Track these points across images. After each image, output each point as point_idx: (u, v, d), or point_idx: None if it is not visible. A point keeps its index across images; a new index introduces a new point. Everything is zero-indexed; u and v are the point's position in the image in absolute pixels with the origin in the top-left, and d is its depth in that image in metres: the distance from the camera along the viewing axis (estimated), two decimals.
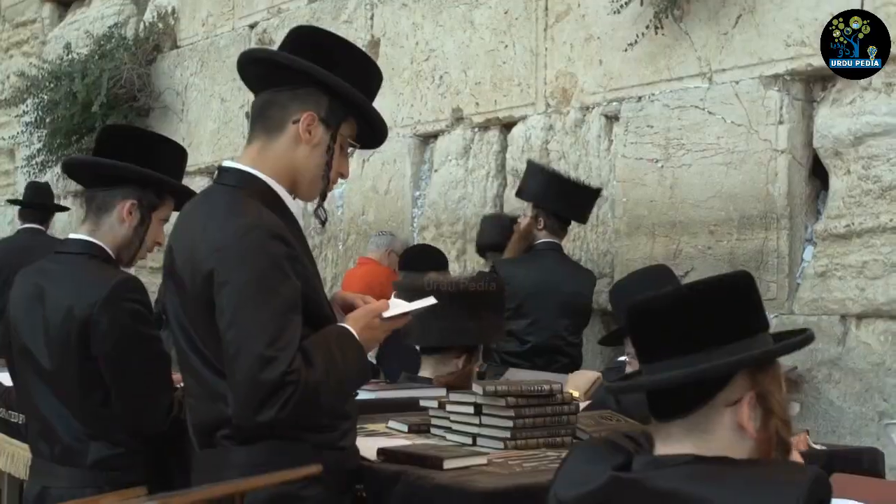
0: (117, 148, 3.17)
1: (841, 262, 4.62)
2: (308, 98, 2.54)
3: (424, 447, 2.69)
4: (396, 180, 6.82)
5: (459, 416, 2.87)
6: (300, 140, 2.54)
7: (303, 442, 2.41)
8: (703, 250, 5.07)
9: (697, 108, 5.09)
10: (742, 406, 1.79)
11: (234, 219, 2.42)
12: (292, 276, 2.40)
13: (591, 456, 1.89)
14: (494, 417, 2.77)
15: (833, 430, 4.53)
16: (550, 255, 5.15)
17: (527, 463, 2.55)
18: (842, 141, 4.62)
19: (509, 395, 2.75)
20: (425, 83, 6.62)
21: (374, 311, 2.56)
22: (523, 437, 2.75)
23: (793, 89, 4.79)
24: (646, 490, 1.74)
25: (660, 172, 5.25)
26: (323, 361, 2.37)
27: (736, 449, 1.79)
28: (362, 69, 2.64)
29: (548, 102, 5.90)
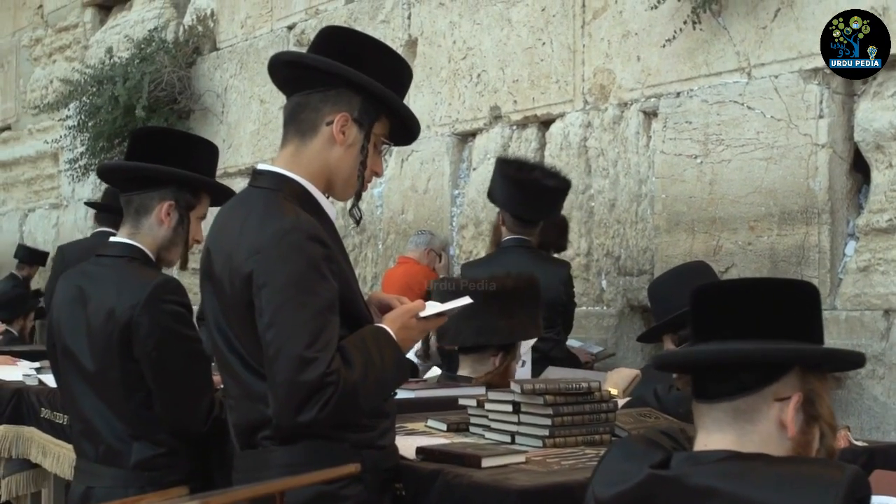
0: (149, 150, 3.20)
1: (884, 256, 4.57)
2: (340, 99, 2.56)
3: (463, 446, 2.70)
4: (435, 179, 6.83)
5: (498, 415, 2.87)
6: (334, 141, 2.56)
7: (342, 441, 2.43)
8: (743, 246, 5.04)
9: (736, 103, 5.06)
10: (790, 404, 1.79)
11: (271, 221, 2.44)
12: (330, 277, 2.42)
13: (629, 453, 1.89)
14: (533, 416, 2.77)
15: (877, 426, 4.49)
16: (513, 251, 5.07)
17: (565, 461, 2.55)
18: (883, 134, 4.57)
19: (548, 393, 2.76)
20: (463, 82, 6.62)
21: (411, 311, 2.58)
22: (562, 435, 2.75)
23: (833, 83, 4.74)
24: (684, 487, 1.74)
25: (699, 168, 5.23)
26: (361, 362, 2.38)
27: (775, 446, 1.79)
28: (392, 67, 2.65)
29: (586, 99, 5.88)
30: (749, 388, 1.80)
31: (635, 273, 5.56)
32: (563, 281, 5.03)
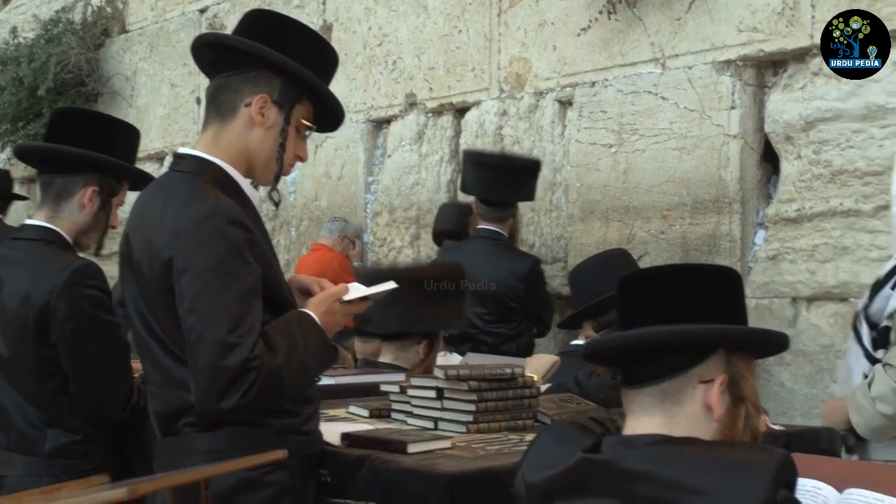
0: (72, 132, 3.14)
1: (792, 245, 4.67)
2: (259, 80, 2.53)
3: (388, 431, 2.70)
4: (350, 166, 6.80)
5: (421, 401, 2.87)
6: (253, 123, 2.53)
7: (266, 427, 2.41)
8: (656, 235, 5.11)
9: (651, 94, 5.13)
10: (714, 385, 1.82)
11: (191, 205, 2.40)
12: (252, 261, 2.39)
13: (560, 438, 1.90)
14: (457, 401, 2.78)
15: (784, 411, 4.60)
16: (479, 242, 5.11)
17: (490, 446, 2.56)
18: (793, 126, 4.67)
19: (472, 378, 2.76)
20: (378, 68, 6.60)
21: (335, 295, 2.56)
22: (485, 421, 2.76)
23: (745, 75, 4.84)
24: (615, 471, 1.75)
25: (613, 157, 5.29)
26: (285, 347, 2.36)
27: (701, 427, 1.81)
28: (316, 51, 2.63)
29: (501, 87, 5.91)
30: (674, 371, 1.82)
31: (549, 261, 5.61)
32: (521, 277, 5.02)
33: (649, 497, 1.70)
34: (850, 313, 4.34)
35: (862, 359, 2.76)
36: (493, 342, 4.92)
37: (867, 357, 2.72)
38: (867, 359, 2.72)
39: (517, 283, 4.96)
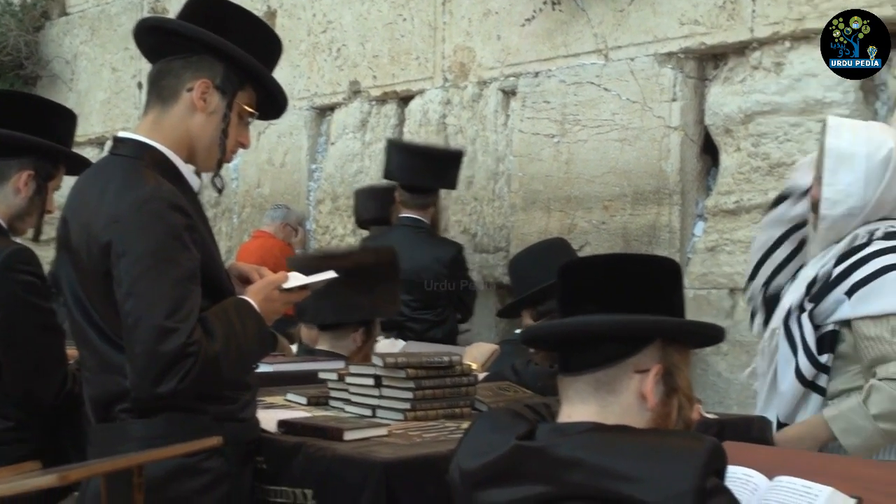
0: (8, 115, 3.09)
1: (730, 237, 4.73)
2: (202, 66, 2.51)
3: (325, 419, 2.70)
4: (292, 153, 6.77)
5: (359, 388, 2.87)
6: (195, 108, 2.51)
7: (203, 414, 2.40)
8: (597, 225, 5.14)
9: (593, 85, 5.15)
10: (649, 376, 1.83)
11: (131, 190, 2.38)
12: (191, 246, 2.38)
13: (494, 425, 1.91)
14: (394, 389, 2.78)
15: (721, 400, 4.65)
16: (402, 230, 5.12)
17: (427, 434, 2.56)
18: (732, 118, 4.73)
19: (409, 366, 2.77)
20: (322, 55, 6.57)
21: (274, 282, 2.56)
22: (423, 409, 2.77)
23: (686, 67, 4.88)
24: (549, 458, 1.76)
25: (555, 148, 5.31)
26: (223, 333, 2.35)
27: (635, 416, 1.83)
28: (259, 37, 2.62)
29: (445, 76, 5.91)
30: (611, 360, 1.84)
31: (491, 250, 5.63)
32: (445, 263, 5.04)
33: (581, 484, 1.71)
34: None
35: (802, 359, 2.75)
36: (420, 328, 4.94)
37: (810, 359, 2.73)
38: (810, 361, 2.73)
39: (441, 269, 4.98)
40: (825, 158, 2.86)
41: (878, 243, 2.71)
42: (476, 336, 5.44)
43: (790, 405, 2.78)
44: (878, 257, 2.68)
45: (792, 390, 2.77)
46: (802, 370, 2.74)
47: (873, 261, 2.68)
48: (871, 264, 2.68)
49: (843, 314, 2.71)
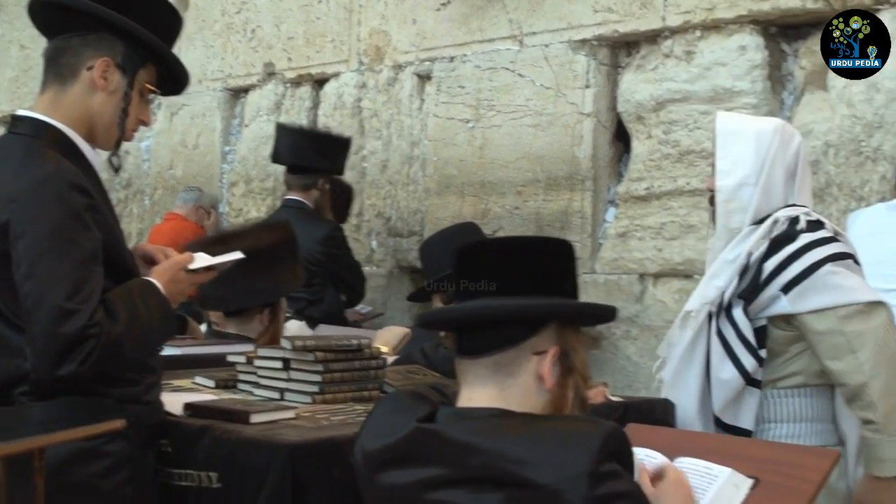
0: None
1: (640, 223, 4.78)
2: (102, 43, 2.47)
3: (231, 402, 2.67)
4: (206, 135, 6.69)
5: (267, 371, 2.85)
6: (96, 87, 2.47)
7: (105, 396, 2.36)
8: (510, 210, 5.17)
9: (508, 70, 5.17)
10: (546, 357, 1.85)
11: (30, 169, 2.33)
12: (93, 227, 2.34)
13: (397, 407, 1.91)
14: (303, 372, 2.77)
15: (630, 384, 4.71)
16: (283, 212, 5.10)
17: (334, 416, 2.56)
18: (644, 106, 4.78)
19: (318, 349, 2.76)
20: (237, 36, 6.50)
21: (179, 263, 2.53)
22: (331, 392, 2.76)
23: (599, 54, 4.92)
24: (446, 441, 1.77)
25: (470, 133, 5.32)
26: (126, 314, 2.32)
27: (533, 397, 1.85)
28: (159, 13, 2.58)
29: (361, 60, 5.89)
30: (508, 343, 1.85)
31: (405, 234, 5.63)
32: (320, 240, 5.01)
33: (478, 467, 1.73)
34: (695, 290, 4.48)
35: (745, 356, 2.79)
36: (296, 307, 4.92)
37: (753, 355, 2.77)
38: (753, 357, 2.77)
39: (315, 246, 4.96)
40: (716, 139, 2.92)
41: (805, 237, 2.76)
42: (389, 320, 5.44)
43: (730, 400, 2.82)
44: (808, 252, 2.73)
45: (734, 385, 2.80)
46: (746, 366, 2.78)
47: (804, 256, 2.73)
48: (802, 260, 2.73)
49: (782, 310, 2.75)
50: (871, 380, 2.64)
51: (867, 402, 2.66)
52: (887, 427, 2.66)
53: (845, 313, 2.68)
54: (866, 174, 4.25)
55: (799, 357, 2.79)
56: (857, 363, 2.66)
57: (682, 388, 2.90)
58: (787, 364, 2.80)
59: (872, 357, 2.65)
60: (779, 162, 2.84)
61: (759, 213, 2.83)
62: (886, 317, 2.70)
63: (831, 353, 2.69)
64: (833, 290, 2.70)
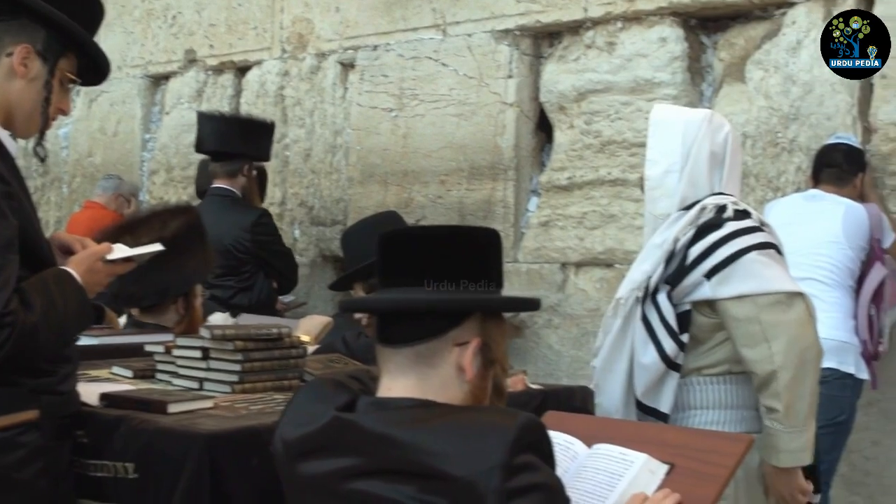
0: None
1: (563, 212, 4.82)
2: (22, 31, 2.42)
3: (149, 392, 2.64)
4: (125, 122, 6.60)
5: (186, 361, 2.82)
6: (15, 74, 2.42)
7: (19, 386, 2.32)
8: (433, 199, 5.17)
9: (431, 60, 5.17)
10: (468, 349, 1.84)
11: None
12: (9, 214, 2.29)
13: (316, 396, 1.90)
14: (222, 361, 2.74)
15: (551, 372, 4.75)
16: (209, 199, 5.06)
17: (253, 406, 2.54)
18: (566, 96, 4.81)
19: (237, 338, 2.73)
20: (157, 22, 6.42)
21: (97, 253, 2.49)
22: (251, 381, 2.73)
23: (522, 44, 4.94)
24: (363, 432, 1.76)
25: (393, 122, 5.32)
26: (41, 303, 2.28)
27: (453, 388, 1.84)
28: (82, 2, 2.54)
29: (284, 48, 5.85)
30: (430, 335, 1.84)
31: (328, 223, 5.61)
32: (248, 227, 4.97)
33: (394, 458, 1.72)
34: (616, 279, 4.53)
35: (667, 340, 2.82)
36: (224, 295, 4.89)
37: (674, 339, 2.80)
38: (674, 341, 2.80)
39: (243, 234, 4.94)
40: (649, 129, 2.95)
41: (731, 225, 2.79)
42: (313, 309, 5.42)
43: (651, 383, 2.84)
44: (732, 240, 2.77)
45: (655, 369, 2.83)
46: (667, 351, 2.81)
47: (729, 243, 2.76)
48: (727, 247, 2.76)
49: (703, 295, 2.78)
50: (779, 371, 2.69)
51: (773, 392, 2.71)
52: (787, 419, 2.71)
53: (764, 302, 2.72)
54: (783, 165, 4.33)
55: (723, 345, 2.82)
56: (769, 353, 2.70)
57: (612, 375, 2.93)
58: (711, 352, 2.84)
59: (784, 349, 2.70)
60: (704, 150, 2.87)
61: (685, 201, 2.87)
62: (804, 309, 2.75)
63: (746, 340, 2.74)
64: (754, 277, 2.74)
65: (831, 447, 3.88)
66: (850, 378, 3.88)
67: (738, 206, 2.85)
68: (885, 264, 3.95)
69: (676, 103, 4.33)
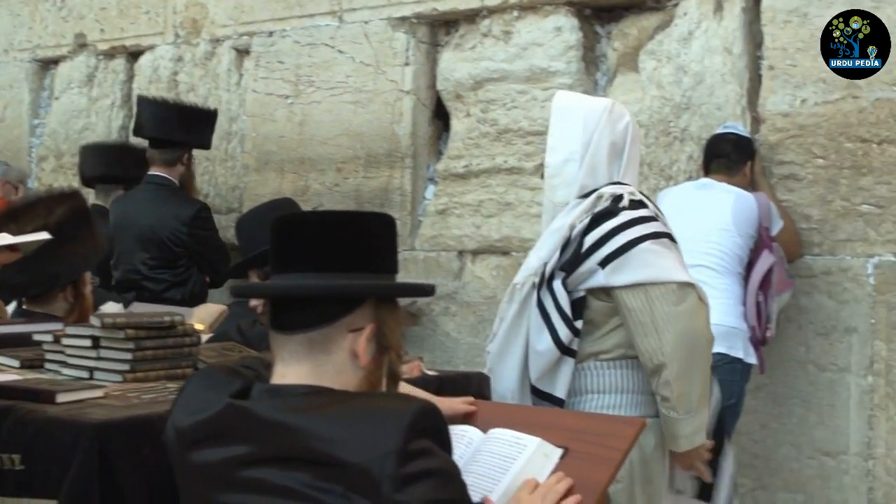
0: None
1: (459, 200, 4.83)
2: None
3: (37, 381, 2.58)
4: (13, 107, 6.44)
5: (76, 350, 2.76)
6: None
7: None
8: (330, 187, 5.14)
9: (328, 46, 5.14)
10: (362, 335, 1.83)
11: None
12: None
13: (209, 383, 1.87)
14: (113, 350, 2.69)
15: (449, 360, 4.77)
16: (146, 187, 4.98)
17: (145, 395, 2.49)
18: (463, 84, 4.82)
19: (128, 327, 2.68)
20: (45, 5, 6.26)
21: None
22: (143, 370, 2.68)
23: (419, 32, 4.94)
24: (256, 419, 1.74)
25: (289, 109, 5.27)
26: None
27: (348, 374, 1.83)
28: None
29: (177, 33, 5.75)
30: (324, 321, 1.82)
31: (224, 211, 5.54)
32: (185, 221, 4.87)
33: (289, 445, 1.70)
34: (513, 267, 4.56)
35: (561, 326, 2.83)
36: (157, 288, 4.81)
37: (568, 325, 2.82)
38: (568, 327, 2.82)
39: (180, 227, 4.85)
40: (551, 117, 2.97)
41: (626, 214, 2.82)
42: (209, 298, 5.35)
43: (546, 369, 2.86)
44: (627, 229, 2.80)
45: (549, 355, 2.84)
46: (561, 336, 2.82)
47: (623, 232, 2.79)
48: (621, 236, 2.79)
49: (598, 283, 2.81)
50: (669, 362, 2.74)
51: (664, 381, 2.76)
52: (680, 407, 2.77)
53: (656, 294, 2.75)
54: (675, 154, 4.40)
55: (619, 330, 2.85)
56: (659, 345, 2.75)
57: (507, 360, 2.94)
58: (607, 336, 2.86)
59: (673, 341, 2.74)
60: (605, 140, 2.90)
61: (584, 189, 2.89)
62: (695, 301, 2.79)
63: (638, 329, 2.77)
64: (647, 267, 2.77)
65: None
66: (739, 363, 3.96)
67: (635, 196, 2.88)
68: (772, 252, 4.04)
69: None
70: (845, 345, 4.04)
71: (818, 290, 4.12)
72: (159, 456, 1.97)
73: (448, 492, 1.69)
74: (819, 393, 4.10)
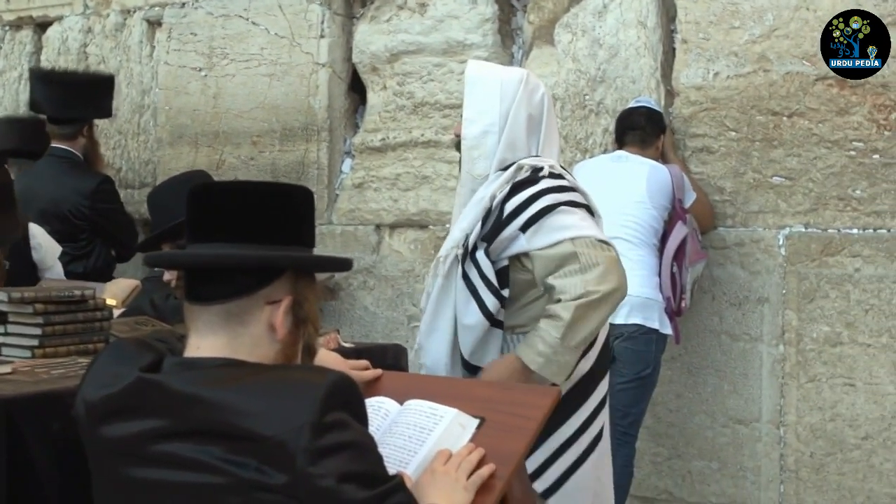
0: None
1: (376, 174, 4.81)
2: None
3: None
4: None
5: None
6: None
7: None
8: (245, 161, 5.09)
9: (241, 18, 5.07)
10: (280, 307, 1.81)
11: None
12: None
13: (119, 357, 1.84)
14: (21, 325, 2.64)
15: (367, 334, 4.76)
16: (48, 160, 4.85)
17: (55, 370, 2.45)
18: (379, 57, 4.79)
19: (37, 301, 2.63)
20: None
21: None
22: (53, 345, 2.63)
23: (334, 4, 4.90)
24: (170, 392, 1.72)
25: (203, 81, 5.20)
26: None
27: (264, 347, 1.81)
28: None
29: (86, 3, 5.63)
30: (241, 292, 1.80)
31: (137, 186, 5.46)
32: (87, 194, 4.76)
33: (202, 419, 1.68)
34: (430, 240, 4.56)
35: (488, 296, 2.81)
36: (61, 261, 4.72)
37: (495, 295, 2.81)
38: (496, 297, 2.81)
39: (81, 200, 4.75)
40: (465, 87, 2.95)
41: (545, 181, 2.82)
42: (121, 273, 5.26)
43: (476, 342, 2.85)
44: (547, 195, 2.80)
45: (479, 327, 2.83)
46: (489, 307, 2.81)
47: (543, 198, 2.79)
48: (541, 201, 2.79)
49: (520, 248, 2.80)
50: (586, 294, 2.70)
51: (566, 305, 2.70)
52: (566, 334, 2.70)
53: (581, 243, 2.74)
54: (590, 127, 4.42)
55: (536, 303, 2.85)
56: (581, 280, 2.71)
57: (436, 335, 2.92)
58: (524, 310, 2.87)
59: (597, 277, 2.70)
60: (522, 112, 2.89)
61: (503, 162, 2.88)
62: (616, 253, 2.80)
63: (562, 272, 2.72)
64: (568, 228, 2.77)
65: (637, 400, 4.01)
66: (654, 333, 4.00)
67: (555, 170, 2.89)
68: (686, 223, 4.09)
69: None
70: (757, 315, 4.11)
71: (731, 261, 4.18)
72: (69, 431, 1.93)
73: (363, 464, 1.69)
74: (732, 362, 4.17)
